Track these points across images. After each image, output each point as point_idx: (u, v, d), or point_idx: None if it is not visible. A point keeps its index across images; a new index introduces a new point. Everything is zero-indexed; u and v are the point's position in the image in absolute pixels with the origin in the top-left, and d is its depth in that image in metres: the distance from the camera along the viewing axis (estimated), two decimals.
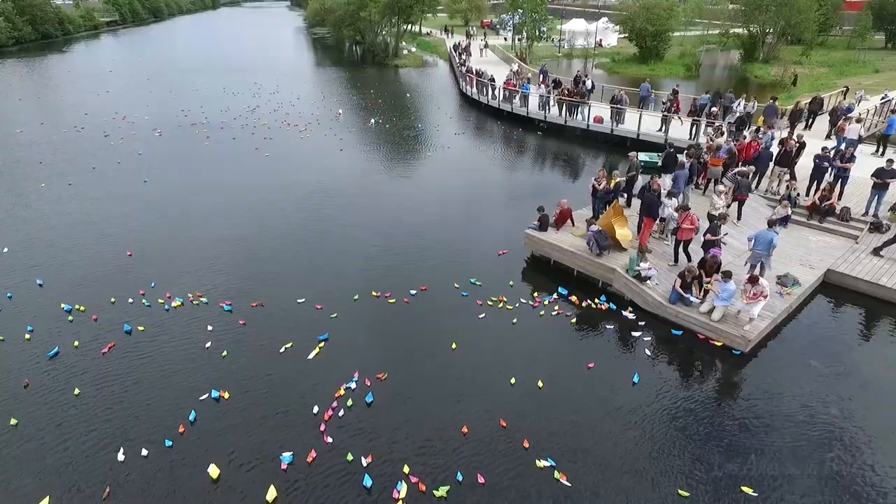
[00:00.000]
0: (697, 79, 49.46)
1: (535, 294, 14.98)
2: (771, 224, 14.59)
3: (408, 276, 15.78)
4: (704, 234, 14.66)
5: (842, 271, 15.45)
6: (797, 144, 19.11)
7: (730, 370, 12.27)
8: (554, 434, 10.10)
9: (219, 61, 58.15)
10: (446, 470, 9.25)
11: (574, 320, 13.97)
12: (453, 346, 12.64)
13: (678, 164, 17.97)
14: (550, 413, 10.62)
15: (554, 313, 14.21)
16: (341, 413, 10.50)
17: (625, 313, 14.24)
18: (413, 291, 14.94)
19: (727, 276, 12.82)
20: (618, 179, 17.02)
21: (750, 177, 18.70)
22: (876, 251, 15.83)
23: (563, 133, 30.67)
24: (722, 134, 21.47)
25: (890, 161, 17.22)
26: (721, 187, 15.13)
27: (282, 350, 12.47)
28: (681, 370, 12.31)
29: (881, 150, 23.45)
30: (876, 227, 17.06)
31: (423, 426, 10.21)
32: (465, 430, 10.06)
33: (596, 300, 14.73)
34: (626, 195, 18.44)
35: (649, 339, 13.26)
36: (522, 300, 14.67)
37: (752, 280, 12.52)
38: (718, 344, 12.96)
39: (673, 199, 16.16)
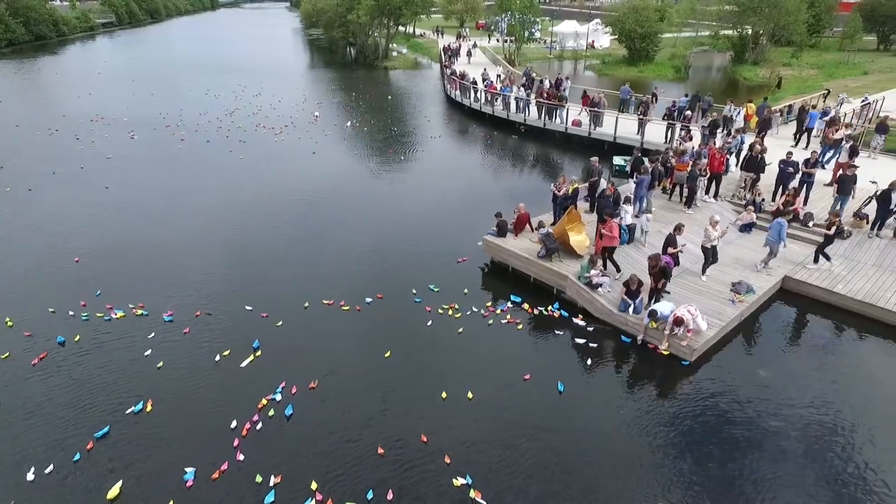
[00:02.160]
0: (686, 80, 49.20)
1: (488, 302, 14.74)
2: (780, 214, 14.62)
3: (366, 282, 15.56)
4: (664, 247, 14.33)
5: (798, 278, 15.21)
6: (762, 149, 18.86)
7: (671, 380, 12.05)
8: (476, 450, 9.85)
9: (209, 62, 58.12)
10: (357, 487, 9.01)
11: (522, 329, 13.74)
12: (387, 354, 12.40)
13: (642, 169, 17.76)
14: (476, 427, 10.37)
15: (504, 321, 13.98)
16: (259, 426, 10.27)
17: (576, 321, 14.03)
18: (368, 299, 14.72)
19: (652, 315, 12.61)
20: (576, 185, 16.78)
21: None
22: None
23: (542, 136, 30.45)
24: (690, 139, 21.19)
25: (852, 167, 16.98)
26: (717, 217, 14.88)
27: (217, 359, 12.27)
28: (621, 381, 12.11)
29: (798, 139, 24.69)
30: (838, 233, 16.76)
31: (341, 441, 9.97)
32: (380, 450, 9.76)
33: (549, 308, 14.50)
34: (589, 200, 18.24)
35: (596, 346, 13.05)
36: (474, 308, 14.43)
37: (677, 322, 12.27)
38: (665, 353, 12.72)
39: (630, 205, 15.90)
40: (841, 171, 17.23)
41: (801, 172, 18.18)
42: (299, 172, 24.49)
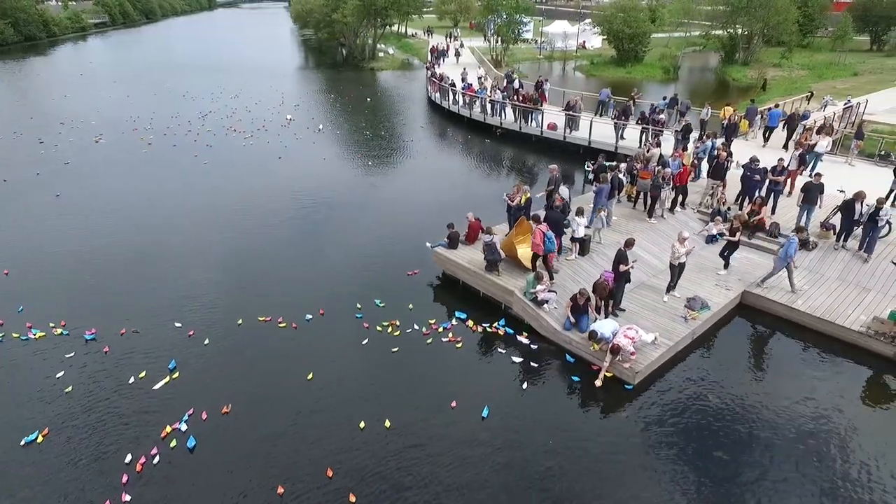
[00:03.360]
0: (676, 81, 48.53)
1: (432, 319, 14.01)
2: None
3: (310, 297, 14.87)
4: (615, 264, 13.51)
5: (758, 293, 14.50)
6: (727, 156, 18.17)
7: (611, 406, 11.34)
8: (384, 486, 9.16)
9: (196, 63, 57.35)
10: None
11: (462, 348, 13.05)
12: (309, 377, 11.73)
13: (601, 177, 17.02)
14: (388, 460, 9.68)
15: (445, 340, 13.30)
16: (157, 460, 9.59)
17: (520, 338, 13.36)
18: (309, 316, 14.04)
19: (592, 336, 12.01)
20: (528, 195, 16.09)
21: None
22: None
23: (517, 140, 29.75)
24: (658, 144, 20.46)
25: (818, 175, 16.28)
26: (685, 233, 14.09)
27: (131, 381, 11.63)
28: (556, 406, 11.35)
29: (765, 143, 24.65)
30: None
31: (241, 476, 9.29)
32: (280, 489, 9.07)
33: (494, 325, 13.80)
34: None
35: (536, 367, 12.39)
36: (416, 326, 13.74)
37: (613, 350, 11.61)
38: (609, 375, 12.01)
39: (583, 217, 15.17)
40: (807, 180, 16.49)
41: (768, 180, 17.46)
42: (259, 179, 23.78)
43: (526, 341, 13.21)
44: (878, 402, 11.57)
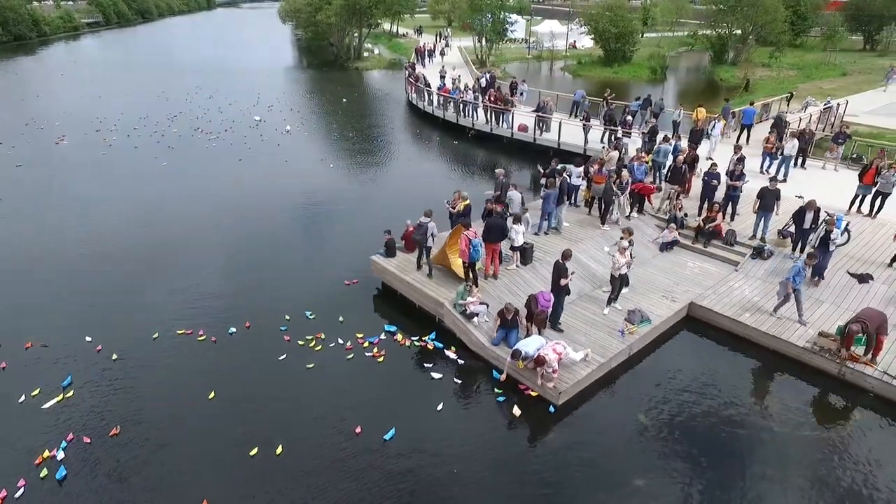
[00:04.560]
0: (663, 82, 47.67)
1: (360, 332, 13.26)
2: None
3: (239, 308, 14.20)
4: (554, 279, 12.66)
5: (705, 305, 13.72)
6: (685, 160, 17.40)
7: (530, 429, 10.59)
8: None
9: (182, 63, 56.66)
10: None
11: (383, 363, 12.34)
12: (210, 396, 11.02)
13: (548, 183, 16.31)
14: (270, 491, 8.95)
15: (368, 355, 12.58)
16: (20, 493, 8.87)
17: (448, 353, 12.62)
18: (233, 329, 13.33)
19: (515, 355, 11.24)
20: (467, 202, 15.34)
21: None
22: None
23: (489, 141, 28.98)
24: (616, 147, 19.69)
25: (773, 180, 15.50)
26: (625, 243, 13.29)
27: (21, 399, 10.95)
28: (470, 428, 10.56)
29: (744, 139, 24.02)
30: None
31: None
32: None
33: (423, 338, 13.07)
34: None
35: (460, 383, 11.71)
36: (340, 340, 13.00)
37: (539, 361, 10.86)
38: (534, 394, 11.28)
39: (521, 224, 14.42)
40: (763, 185, 15.68)
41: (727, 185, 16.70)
42: (213, 182, 23.07)
43: (454, 356, 12.50)
44: (821, 422, 10.78)
